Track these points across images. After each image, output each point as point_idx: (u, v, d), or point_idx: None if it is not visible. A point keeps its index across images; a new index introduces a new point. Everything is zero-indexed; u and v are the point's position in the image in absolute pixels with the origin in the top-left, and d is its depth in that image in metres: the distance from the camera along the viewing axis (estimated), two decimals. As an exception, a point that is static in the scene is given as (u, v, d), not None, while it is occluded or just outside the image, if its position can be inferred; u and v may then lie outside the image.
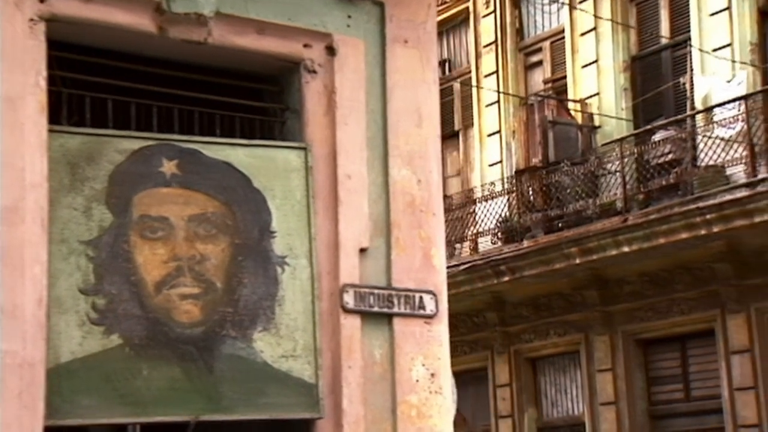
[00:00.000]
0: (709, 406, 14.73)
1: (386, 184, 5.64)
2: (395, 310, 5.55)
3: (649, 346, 15.74)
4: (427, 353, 5.62)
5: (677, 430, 15.23)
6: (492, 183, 17.48)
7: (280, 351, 5.21)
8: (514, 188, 16.95)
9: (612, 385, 15.86)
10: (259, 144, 5.35)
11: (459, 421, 18.61)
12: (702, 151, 14.69)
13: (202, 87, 5.43)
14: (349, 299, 5.42)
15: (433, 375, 5.60)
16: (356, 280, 5.48)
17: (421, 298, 5.62)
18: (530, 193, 16.73)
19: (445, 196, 18.80)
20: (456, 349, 18.17)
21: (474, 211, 17.54)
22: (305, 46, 5.53)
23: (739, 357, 14.27)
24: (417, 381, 5.54)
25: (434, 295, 5.68)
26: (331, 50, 5.58)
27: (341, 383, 5.34)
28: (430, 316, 5.66)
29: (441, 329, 5.69)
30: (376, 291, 5.51)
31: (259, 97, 5.63)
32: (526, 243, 16.32)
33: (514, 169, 17.49)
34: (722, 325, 14.51)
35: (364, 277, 5.52)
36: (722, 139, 14.21)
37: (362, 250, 5.51)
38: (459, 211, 17.86)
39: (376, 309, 5.50)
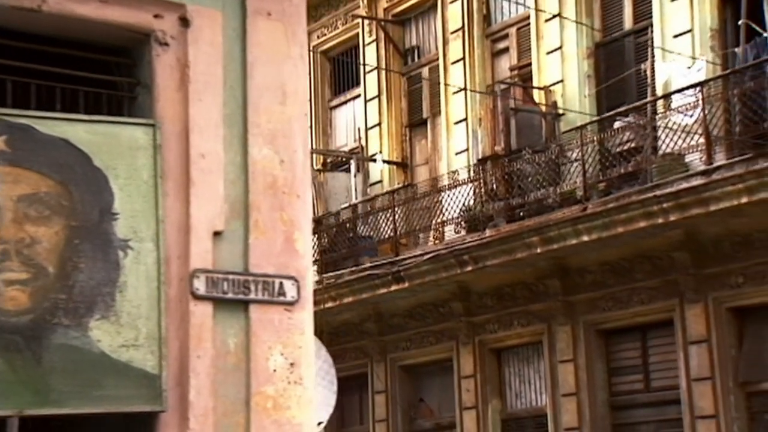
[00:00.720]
0: (668, 396, 14.38)
1: (245, 164, 5.29)
2: (252, 296, 5.20)
3: (610, 337, 15.37)
4: (287, 342, 5.27)
5: (637, 421, 14.89)
6: (455, 171, 17.12)
7: (120, 340, 4.87)
8: (478, 177, 16.58)
9: (573, 376, 15.50)
10: (100, 120, 5.00)
11: (426, 413, 18.37)
12: (662, 138, 14.32)
13: (43, 58, 5.07)
14: (199, 285, 5.07)
15: (292, 365, 5.25)
16: (209, 265, 5.13)
17: (281, 284, 5.27)
18: (493, 181, 16.37)
19: (411, 185, 18.53)
20: (422, 339, 17.94)
21: (440, 200, 17.19)
22: (156, 16, 5.18)
23: (696, 347, 13.91)
24: (274, 371, 5.20)
25: (296, 281, 5.32)
26: (184, 21, 5.23)
27: (188, 374, 4.99)
28: (291, 303, 5.30)
29: (303, 317, 5.33)
30: (230, 276, 5.16)
31: (109, 71, 5.28)
32: (488, 232, 15.96)
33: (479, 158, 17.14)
34: (681, 315, 14.14)
35: (218, 261, 5.18)
36: (680, 127, 13.84)
37: (217, 234, 5.17)
38: (425, 200, 17.51)
39: (230, 295, 5.16)
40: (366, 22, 19.53)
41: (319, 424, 6.93)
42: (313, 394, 5.31)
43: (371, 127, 19.48)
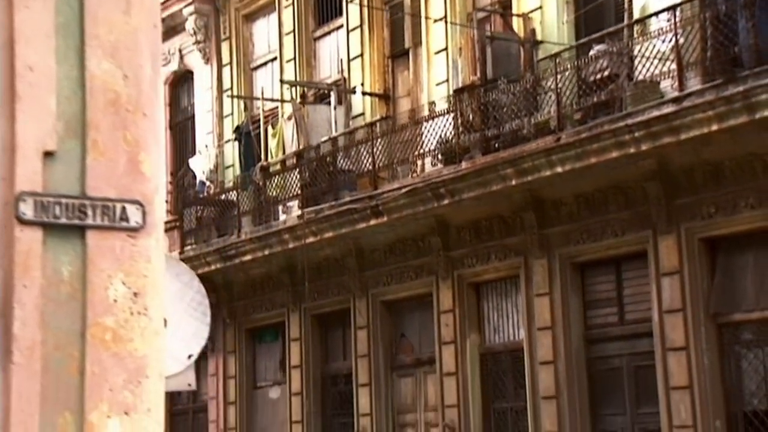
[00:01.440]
0: (641, 329, 13.98)
1: (82, 79, 4.82)
2: (89, 222, 4.77)
3: (585, 270, 14.95)
4: (130, 270, 4.84)
5: (611, 354, 14.51)
6: (433, 102, 16.64)
7: (-64, 268, 4.48)
8: (455, 108, 16.08)
9: (549, 310, 15.11)
10: None
11: (407, 349, 18.04)
12: (638, 66, 13.78)
13: None
14: (26, 209, 4.64)
15: (136, 294, 4.84)
16: (38, 187, 4.70)
17: (123, 208, 4.84)
18: (469, 112, 15.87)
19: (391, 117, 18.05)
20: (402, 275, 17.57)
21: (420, 132, 16.71)
22: None
23: (669, 279, 13.47)
24: (115, 301, 4.78)
25: (141, 205, 4.88)
26: None
27: (13, 305, 4.59)
28: (135, 229, 4.87)
29: (149, 243, 4.91)
30: (63, 200, 4.73)
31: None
32: (464, 165, 15.50)
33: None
34: (654, 247, 13.69)
35: (50, 184, 4.74)
36: (656, 53, 13.29)
37: (48, 154, 4.72)
38: (405, 132, 17.04)
39: (63, 220, 4.73)
40: (347, -50, 18.95)
41: (190, 356, 6.57)
42: (160, 326, 4.91)
43: (353, 59, 18.97)
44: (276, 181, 18.85)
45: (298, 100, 19.44)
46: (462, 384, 16.33)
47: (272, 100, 20.24)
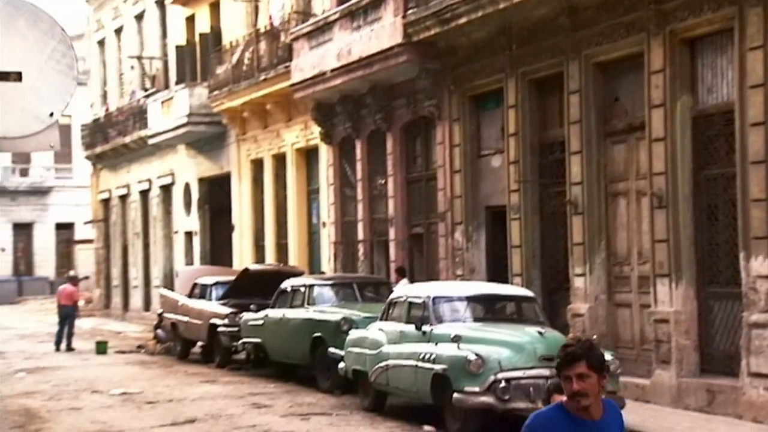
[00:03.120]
0: None
1: None
2: None
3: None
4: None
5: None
6: None
7: None
8: None
9: (762, 65, 13.28)
10: None
11: (620, 113, 16.61)
12: None
13: None
14: None
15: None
16: None
17: None
18: None
19: None
20: (612, 33, 16.00)
21: None
22: None
23: None
24: None
25: None
26: None
27: None
28: None
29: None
30: None
31: None
32: None
33: None
34: None
35: None
36: None
37: None
38: None
39: None
40: None
41: (52, 114, 5.71)
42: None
43: None
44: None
45: None
46: (671, 150, 14.84)
47: None
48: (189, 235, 33.10)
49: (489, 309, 14.57)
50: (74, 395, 18.38)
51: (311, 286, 18.97)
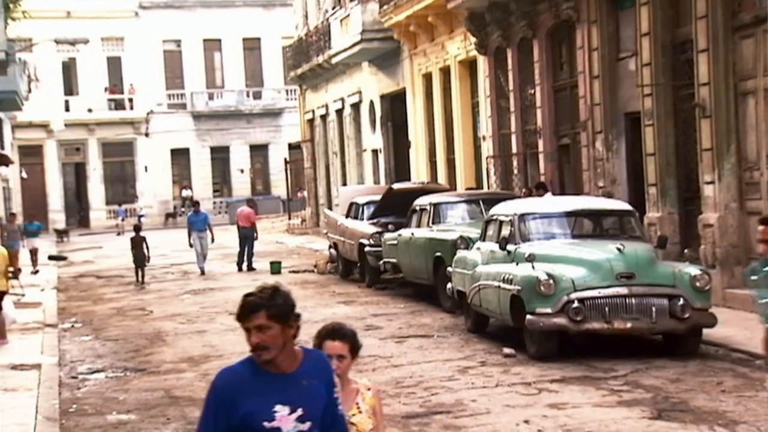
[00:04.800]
0: None
1: None
2: None
3: None
4: None
5: None
6: None
7: None
8: None
9: None
10: None
11: (748, 6, 14.83)
12: None
13: None
14: None
15: None
16: None
17: None
18: None
19: None
20: None
21: None
22: None
23: None
24: None
25: None
26: None
27: None
28: None
29: None
30: None
31: None
32: None
33: None
34: None
35: None
36: None
37: None
38: None
39: None
40: None
41: None
42: None
43: None
44: None
45: None
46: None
47: None
48: (375, 152, 32.80)
49: (577, 225, 13.47)
50: (211, 318, 18.41)
51: (436, 205, 18.24)
